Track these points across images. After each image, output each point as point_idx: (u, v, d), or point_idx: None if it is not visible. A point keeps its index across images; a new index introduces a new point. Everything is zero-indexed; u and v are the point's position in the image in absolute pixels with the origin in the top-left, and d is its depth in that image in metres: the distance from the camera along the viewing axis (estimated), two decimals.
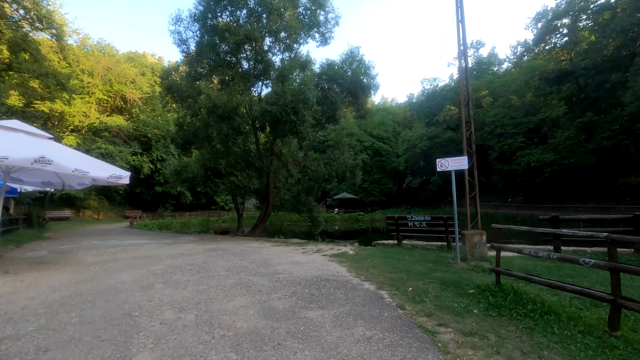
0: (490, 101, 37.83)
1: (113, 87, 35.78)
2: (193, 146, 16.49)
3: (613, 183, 28.31)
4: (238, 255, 9.49)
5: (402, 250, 10.20)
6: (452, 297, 5.19)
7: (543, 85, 31.16)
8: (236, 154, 15.15)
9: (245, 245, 12.43)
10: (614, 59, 30.19)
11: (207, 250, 10.64)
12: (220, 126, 13.32)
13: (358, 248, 10.83)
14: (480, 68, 44.32)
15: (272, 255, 9.28)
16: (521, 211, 32.50)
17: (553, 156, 28.84)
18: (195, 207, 46.63)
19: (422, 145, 40.30)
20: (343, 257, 8.95)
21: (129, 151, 35.39)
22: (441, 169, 8.08)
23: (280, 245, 12.14)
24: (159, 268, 7.55)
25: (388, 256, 8.81)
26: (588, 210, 28.78)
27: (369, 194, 54.42)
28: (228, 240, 14.88)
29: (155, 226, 28.97)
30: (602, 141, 26.31)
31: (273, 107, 12.49)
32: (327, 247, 11.69)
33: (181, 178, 15.10)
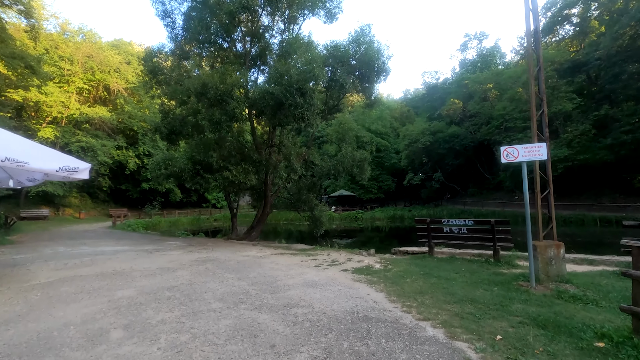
0: (497, 94, 36.14)
1: (95, 76, 33.17)
2: (180, 137, 14.32)
3: (629, 180, 26.81)
4: (234, 270, 7.43)
5: (439, 262, 8.23)
6: (576, 357, 3.27)
7: (556, 77, 29.49)
8: (230, 146, 13.03)
9: (242, 253, 10.35)
10: (629, 50, 28.62)
11: (194, 262, 8.55)
12: (211, 112, 11.18)
13: (381, 259, 8.84)
14: (484, 60, 42.60)
15: (278, 272, 7.24)
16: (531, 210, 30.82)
17: (567, 151, 27.20)
18: (185, 205, 44.26)
19: (424, 140, 38.46)
20: (370, 273, 6.96)
21: (112, 145, 32.88)
22: (508, 159, 6.12)
23: (285, 254, 10.10)
24: (126, 295, 5.46)
25: (429, 272, 6.84)
26: (603, 208, 27.31)
27: (367, 191, 52.51)
28: (221, 245, 12.79)
29: (141, 226, 26.66)
30: (621, 135, 24.72)
31: (275, 87, 10.37)
32: (342, 256, 9.69)
33: (165, 173, 12.95)
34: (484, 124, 35.91)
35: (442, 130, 39.02)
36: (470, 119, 38.62)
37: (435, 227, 8.92)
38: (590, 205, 27.93)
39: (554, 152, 28.00)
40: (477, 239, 8.37)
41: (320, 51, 14.85)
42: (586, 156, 27.12)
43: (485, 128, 35.15)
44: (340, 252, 10.96)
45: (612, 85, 28.03)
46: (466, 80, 38.64)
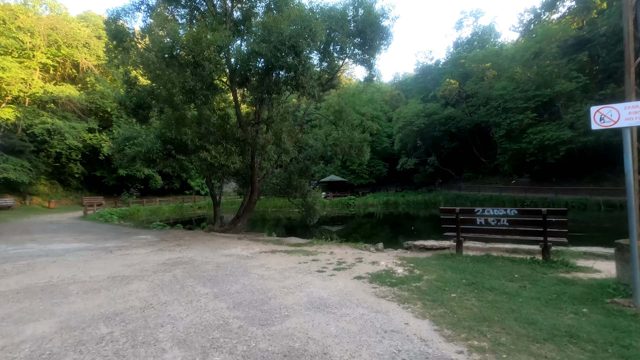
0: (494, 74, 34.49)
1: (61, 51, 29.94)
2: (150, 112, 12.08)
3: None
4: (211, 281, 5.53)
5: (475, 262, 6.49)
6: None
7: (560, 54, 27.95)
8: (209, 122, 10.91)
9: (224, 251, 8.44)
10: None
11: (161, 267, 6.60)
12: (183, 78, 9.03)
13: (400, 258, 7.05)
14: (481, 39, 40.72)
15: (270, 282, 5.38)
16: (529, 194, 29.79)
17: (570, 133, 25.90)
18: (166, 192, 41.79)
19: (418, 122, 36.70)
20: (395, 283, 5.15)
21: (83, 127, 30.03)
22: (603, 124, 4.28)
23: (277, 252, 8.23)
24: (36, 334, 3.53)
25: (475, 282, 5.07)
26: (605, 192, 26.31)
27: (358, 176, 50.87)
28: (199, 240, 10.82)
29: (116, 216, 24.32)
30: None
31: (262, 46, 8.28)
32: (348, 254, 7.90)
33: (130, 154, 10.79)
34: (482, 104, 34.33)
35: (438, 112, 37.29)
36: (467, 100, 36.99)
37: (466, 217, 7.16)
38: (591, 190, 26.89)
39: (556, 133, 26.73)
40: (521, 232, 6.66)
41: (315, 12, 12.67)
42: (590, 138, 25.86)
43: (484, 109, 33.58)
44: (343, 248, 9.17)
45: (618, 62, 26.60)
46: (462, 59, 36.82)
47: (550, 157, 27.49)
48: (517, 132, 29.50)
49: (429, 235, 16.10)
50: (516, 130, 29.45)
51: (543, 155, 27.90)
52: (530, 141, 27.94)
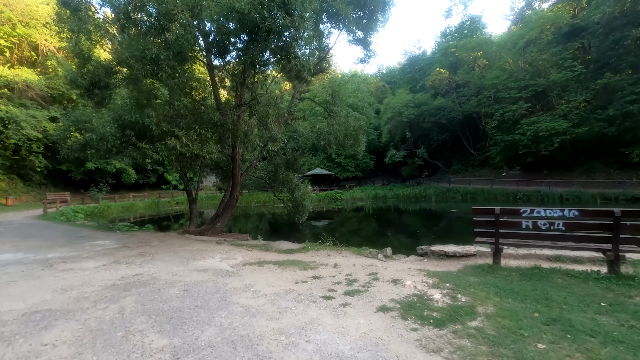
0: (485, 64, 33.46)
1: (16, 30, 26.78)
2: (109, 92, 10.02)
3: (627, 154, 25.25)
4: (172, 320, 3.77)
5: (526, 279, 4.98)
6: None
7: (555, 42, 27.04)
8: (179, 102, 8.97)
9: (198, 264, 6.65)
10: (627, 15, 26.55)
11: (107, 293, 4.78)
12: (144, 44, 7.11)
13: (428, 274, 5.45)
14: (471, 27, 39.57)
15: (259, 321, 3.68)
16: (521, 187, 29.00)
17: (565, 124, 25.09)
18: (141, 187, 39.17)
19: (408, 113, 35.34)
20: (443, 322, 3.53)
21: (44, 116, 27.12)
22: None
23: (265, 265, 6.50)
24: None
25: (551, 317, 3.52)
26: (598, 185, 25.74)
27: (344, 169, 49.47)
28: (169, 246, 8.96)
29: (82, 214, 21.91)
30: (625, 105, 22.77)
31: (243, 2, 6.45)
32: (349, 261, 6.31)
33: (80, 142, 8.80)
34: (474, 95, 33.27)
35: (427, 102, 36.01)
36: (457, 90, 35.88)
37: (508, 220, 5.64)
38: (585, 182, 26.28)
39: (551, 124, 25.90)
40: (582, 238, 5.19)
41: None
42: (584, 129, 25.17)
43: (475, 99, 32.52)
44: (344, 255, 7.57)
45: (613, 52, 25.94)
46: (453, 47, 35.59)
47: (544, 149, 26.69)
48: (510, 123, 28.59)
49: (433, 234, 14.73)
50: (509, 121, 28.52)
51: (536, 146, 27.07)
52: (523, 132, 27.05)
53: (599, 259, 6.16)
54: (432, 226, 17.59)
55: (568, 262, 6.21)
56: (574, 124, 25.47)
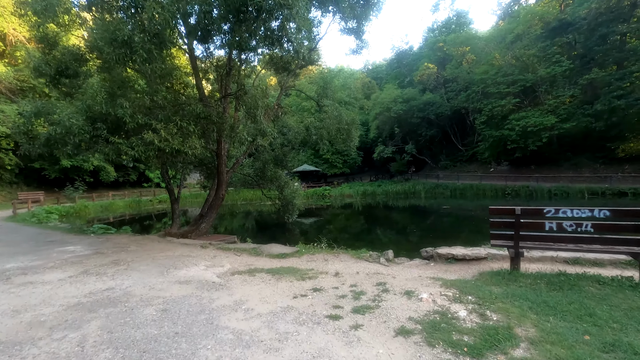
0: (473, 59, 33.30)
1: None
2: (77, 80, 9.02)
3: (612, 149, 25.50)
4: (146, 355, 3.01)
5: (554, 288, 4.42)
6: None
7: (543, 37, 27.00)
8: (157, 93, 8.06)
9: (180, 273, 5.86)
10: (612, 11, 26.71)
11: (68, 316, 3.96)
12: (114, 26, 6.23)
13: (445, 283, 4.83)
14: (458, 22, 39.38)
15: (254, 354, 2.97)
16: (509, 182, 29.04)
17: (553, 119, 25.10)
18: (121, 185, 37.63)
19: (396, 108, 34.91)
20: (480, 351, 2.90)
21: (13, 110, 25.40)
22: None
23: (257, 274, 5.77)
24: None
25: (606, 340, 2.94)
26: (585, 179, 25.91)
27: (332, 165, 48.98)
28: (149, 251, 8.11)
29: (57, 214, 20.59)
30: (613, 100, 22.87)
31: None
32: (351, 268, 5.67)
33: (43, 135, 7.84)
34: (462, 90, 33.08)
35: (416, 97, 35.66)
36: (445, 85, 35.66)
37: (529, 221, 5.07)
38: (572, 177, 26.43)
39: (539, 119, 25.88)
40: (612, 241, 4.68)
41: None
42: (572, 124, 25.25)
43: (464, 94, 32.31)
44: (343, 259, 6.93)
45: (599, 47, 26.07)
46: (441, 42, 35.33)
47: (532, 144, 26.70)
48: (498, 119, 28.50)
49: (430, 233, 14.23)
50: (498, 116, 28.42)
51: (525, 142, 27.07)
52: (512, 128, 26.98)
53: (620, 262, 5.71)
54: (427, 224, 17.11)
55: (588, 265, 5.73)
56: (562, 119, 25.54)
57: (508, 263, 6.26)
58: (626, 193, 22.70)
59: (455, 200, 27.83)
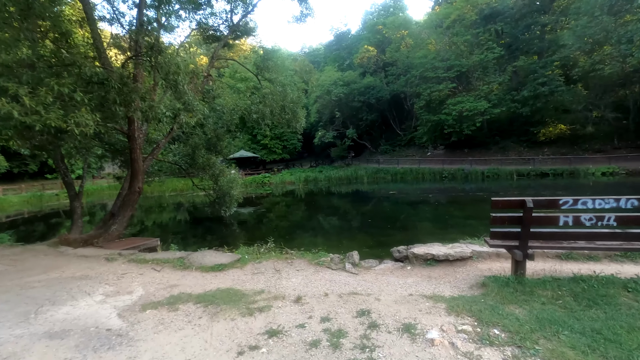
0: (411, 43, 33.43)
1: None
2: None
3: (535, 133, 27.49)
4: None
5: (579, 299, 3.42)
6: None
7: (477, 24, 27.77)
8: (20, 42, 5.52)
9: (59, 312, 3.79)
10: (536, 2, 28.45)
11: None
12: None
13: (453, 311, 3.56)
14: (396, 5, 39.28)
15: None
16: (446, 165, 29.99)
17: (486, 104, 26.13)
18: (17, 177, 31.40)
19: (337, 92, 33.89)
20: None
21: None
22: None
23: (179, 307, 3.95)
24: None
25: None
26: (512, 162, 27.66)
27: (271, 151, 46.79)
28: (23, 272, 5.73)
29: None
30: (538, 87, 24.36)
31: None
32: (314, 285, 4.19)
33: None
34: (402, 74, 33.11)
35: (356, 80, 34.94)
36: (385, 68, 35.45)
37: (542, 215, 4.02)
38: (501, 160, 28.05)
39: (474, 104, 26.78)
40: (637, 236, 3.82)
41: None
42: (502, 109, 26.55)
43: (404, 78, 32.40)
44: (299, 267, 5.48)
45: (524, 36, 27.58)
46: (380, 25, 34.88)
47: (467, 129, 27.67)
48: (436, 103, 29.01)
49: (385, 221, 13.10)
50: (436, 100, 28.92)
51: (460, 126, 27.94)
52: (449, 112, 27.61)
53: (616, 254, 5.05)
54: (380, 211, 16.13)
55: (582, 260, 5.04)
56: (493, 105, 26.70)
57: (496, 262, 5.34)
58: (547, 174, 24.63)
59: (396, 184, 27.91)
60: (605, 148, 25.83)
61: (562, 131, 26.95)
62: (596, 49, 23.73)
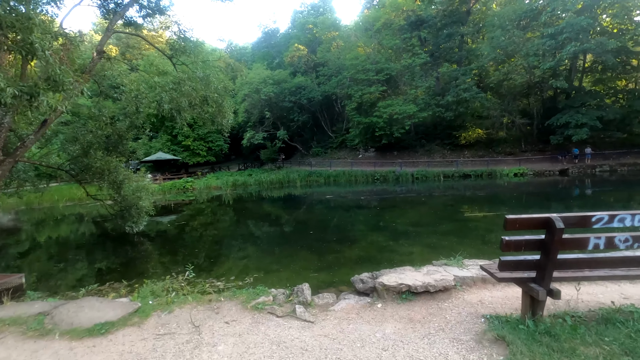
0: (342, 45, 33.20)
1: None
2: None
3: (457, 137, 29.11)
4: None
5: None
6: None
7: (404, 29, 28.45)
8: None
9: None
10: (455, 14, 30.25)
11: None
12: None
13: None
14: (325, 7, 38.84)
15: None
16: (377, 168, 30.23)
17: (414, 108, 26.82)
18: None
19: (267, 90, 32.02)
20: None
21: None
22: None
23: None
24: None
25: None
26: (437, 164, 28.88)
27: (194, 153, 42.73)
28: None
29: None
30: (460, 92, 25.70)
31: None
32: None
33: None
34: (333, 75, 32.61)
35: (287, 80, 33.51)
36: (316, 69, 34.66)
37: (571, 238, 2.97)
38: (427, 162, 29.12)
39: (403, 108, 27.30)
40: None
41: None
42: (428, 113, 27.53)
43: (335, 80, 31.92)
44: (228, 316, 3.79)
45: (446, 44, 29.06)
46: (310, 24, 34.05)
47: (397, 131, 28.14)
48: (367, 105, 29.03)
49: (330, 232, 11.55)
50: (367, 103, 28.92)
51: (390, 129, 28.31)
52: (380, 115, 27.77)
53: None
54: (320, 219, 14.47)
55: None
56: (420, 109, 27.53)
57: (484, 290, 4.30)
58: (469, 175, 26.12)
59: (330, 187, 27.14)
60: (514, 151, 28.43)
61: (480, 135, 28.99)
62: (507, 60, 25.90)
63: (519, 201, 16.42)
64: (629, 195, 16.06)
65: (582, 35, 22.08)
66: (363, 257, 7.40)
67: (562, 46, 22.09)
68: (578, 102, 24.21)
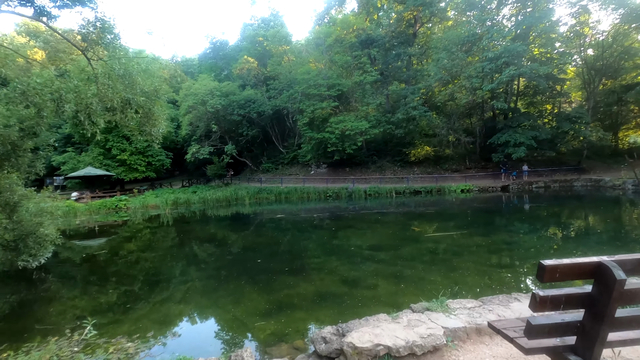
0: (293, 59, 32.60)
1: None
2: None
3: (407, 154, 29.53)
4: None
5: None
6: None
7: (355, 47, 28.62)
8: None
9: None
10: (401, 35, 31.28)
11: None
12: None
13: None
14: (276, 22, 38.19)
15: None
16: (330, 184, 29.54)
17: (366, 124, 26.76)
18: None
19: (214, 102, 30.11)
20: None
21: None
22: None
23: None
24: None
25: None
26: (389, 181, 28.94)
27: (131, 168, 38.79)
28: None
29: None
30: (410, 110, 26.14)
31: None
32: None
33: None
34: (285, 89, 31.72)
35: (236, 92, 31.93)
36: (267, 82, 33.55)
37: (631, 289, 2.10)
38: (379, 178, 29.09)
39: (355, 124, 27.13)
40: None
41: None
42: (379, 130, 27.63)
43: (286, 94, 31.01)
44: None
45: (395, 64, 29.74)
46: (260, 37, 33.10)
47: (349, 147, 27.82)
48: (319, 121, 28.46)
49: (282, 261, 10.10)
50: (319, 118, 28.36)
51: (342, 145, 27.94)
52: (332, 130, 27.32)
53: None
54: (270, 243, 12.76)
55: None
56: (372, 125, 27.56)
57: (482, 347, 3.35)
58: (420, 191, 26.40)
59: (281, 205, 25.80)
60: (460, 168, 29.50)
61: (428, 152, 29.72)
62: (451, 81, 27.03)
63: (468, 217, 16.49)
64: (560, 209, 17.33)
65: (518, 61, 23.72)
66: (322, 293, 6.24)
67: (500, 70, 23.47)
68: (515, 123, 25.84)
